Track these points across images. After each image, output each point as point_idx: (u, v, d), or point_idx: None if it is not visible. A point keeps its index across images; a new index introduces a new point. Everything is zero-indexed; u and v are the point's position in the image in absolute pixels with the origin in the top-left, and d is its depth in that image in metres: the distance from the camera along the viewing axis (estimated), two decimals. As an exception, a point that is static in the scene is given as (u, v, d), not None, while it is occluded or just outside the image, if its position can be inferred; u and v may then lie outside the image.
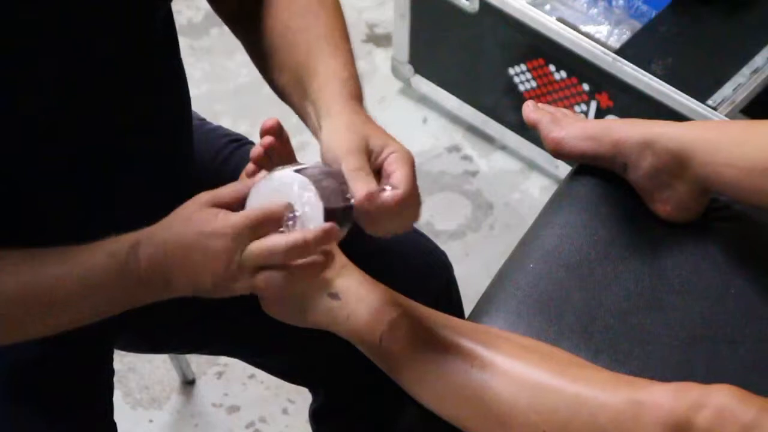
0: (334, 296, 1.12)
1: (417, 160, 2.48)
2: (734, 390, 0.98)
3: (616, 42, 1.97)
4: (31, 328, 1.07)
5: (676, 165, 1.23)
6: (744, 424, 0.96)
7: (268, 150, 1.06)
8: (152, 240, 1.01)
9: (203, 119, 1.42)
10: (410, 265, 1.31)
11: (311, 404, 1.47)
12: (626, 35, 1.98)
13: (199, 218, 0.99)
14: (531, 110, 1.33)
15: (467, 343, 1.08)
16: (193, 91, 1.29)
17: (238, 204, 1.01)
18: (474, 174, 2.27)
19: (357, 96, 1.09)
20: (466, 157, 2.29)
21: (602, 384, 1.03)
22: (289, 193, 0.98)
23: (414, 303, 1.13)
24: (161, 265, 1.01)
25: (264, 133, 1.05)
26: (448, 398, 1.08)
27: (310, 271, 1.00)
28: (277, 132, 1.06)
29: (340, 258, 1.14)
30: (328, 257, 1.01)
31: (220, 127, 1.41)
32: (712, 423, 0.96)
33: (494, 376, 1.05)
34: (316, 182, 0.98)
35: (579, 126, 1.30)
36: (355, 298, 1.12)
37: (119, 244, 1.02)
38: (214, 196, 1.01)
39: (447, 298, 1.37)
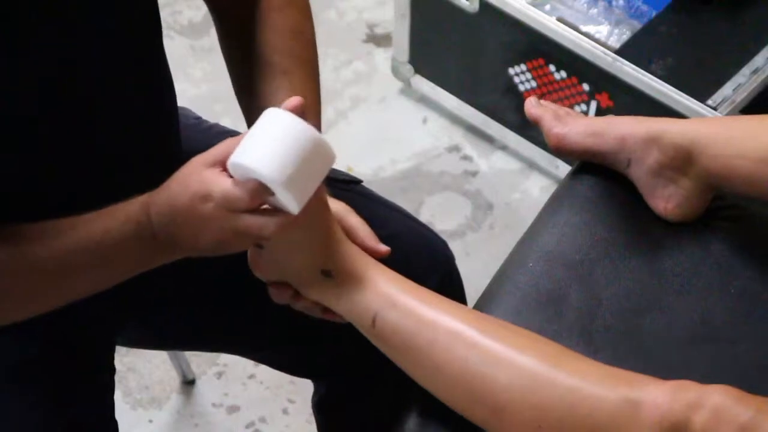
0: (327, 274, 1.09)
1: (417, 160, 2.50)
2: (731, 390, 0.98)
3: (616, 42, 1.98)
4: (48, 299, 1.08)
5: (682, 160, 1.23)
6: (740, 425, 0.95)
7: None
8: (158, 201, 1.02)
9: (198, 117, 1.43)
10: (411, 256, 1.31)
11: (313, 395, 1.47)
12: (626, 35, 1.98)
13: (194, 181, 1.00)
14: (533, 106, 1.33)
15: (466, 330, 1.06)
16: (193, 91, 1.29)
17: None
18: (474, 174, 2.27)
19: None
20: (466, 157, 2.29)
21: (600, 380, 1.02)
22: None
23: (411, 283, 1.11)
24: (167, 226, 1.02)
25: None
26: (443, 383, 1.07)
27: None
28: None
29: (337, 232, 1.11)
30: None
31: (216, 125, 1.41)
32: (708, 424, 0.96)
33: (491, 366, 1.04)
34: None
35: (582, 122, 1.30)
36: (348, 277, 1.09)
37: (132, 207, 1.04)
38: (209, 155, 1.01)
39: (450, 287, 1.37)
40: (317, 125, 1.19)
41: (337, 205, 1.14)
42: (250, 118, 1.23)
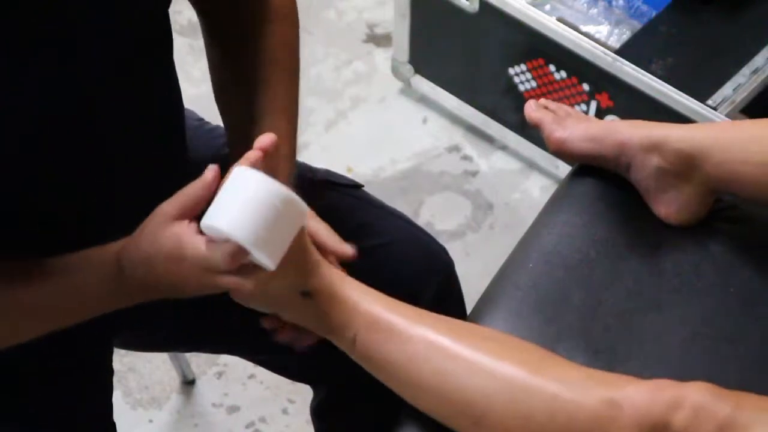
0: (306, 295, 1.10)
1: (417, 160, 2.49)
2: (709, 387, 0.99)
3: (616, 42, 1.98)
4: (22, 335, 1.11)
5: (684, 166, 1.23)
6: (719, 422, 0.96)
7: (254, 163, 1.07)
8: (129, 257, 1.05)
9: (201, 119, 1.43)
10: (409, 262, 1.31)
11: (312, 401, 1.47)
12: (626, 35, 1.98)
13: (165, 238, 1.02)
14: (533, 109, 1.33)
15: (445, 342, 1.07)
16: (193, 91, 1.29)
17: (203, 207, 1.02)
18: (474, 174, 2.27)
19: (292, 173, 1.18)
20: (466, 157, 2.29)
21: (578, 384, 1.02)
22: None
23: (389, 299, 1.11)
24: (142, 279, 1.04)
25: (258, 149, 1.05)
26: (425, 397, 1.08)
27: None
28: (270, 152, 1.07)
29: (313, 255, 1.12)
30: None
31: (218, 127, 1.41)
32: (688, 423, 0.97)
33: (470, 377, 1.05)
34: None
35: (582, 127, 1.30)
36: (326, 297, 1.10)
37: (103, 263, 1.06)
38: (175, 206, 1.02)
39: (448, 293, 1.36)
40: (293, 129, 1.21)
41: None
42: (229, 126, 1.25)
